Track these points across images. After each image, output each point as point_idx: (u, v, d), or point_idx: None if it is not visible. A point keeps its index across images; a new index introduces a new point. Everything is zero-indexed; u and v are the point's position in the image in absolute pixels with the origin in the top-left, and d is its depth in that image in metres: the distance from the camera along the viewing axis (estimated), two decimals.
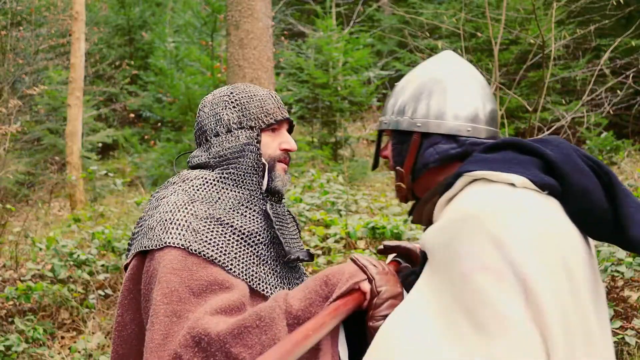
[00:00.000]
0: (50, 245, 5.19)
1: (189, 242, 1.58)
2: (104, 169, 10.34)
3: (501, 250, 1.22)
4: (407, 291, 1.51)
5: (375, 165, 1.74)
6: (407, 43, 9.73)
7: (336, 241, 5.15)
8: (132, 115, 13.43)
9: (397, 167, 1.57)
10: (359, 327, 1.57)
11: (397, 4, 13.92)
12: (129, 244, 1.75)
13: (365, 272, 1.50)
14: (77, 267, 5.06)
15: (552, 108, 8.31)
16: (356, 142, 11.82)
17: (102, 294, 4.93)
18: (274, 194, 1.80)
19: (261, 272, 1.68)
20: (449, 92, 1.49)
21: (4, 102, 7.99)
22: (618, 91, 6.94)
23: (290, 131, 1.88)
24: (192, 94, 9.79)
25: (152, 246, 1.60)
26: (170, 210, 1.63)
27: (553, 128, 6.18)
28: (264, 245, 1.72)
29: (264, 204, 1.75)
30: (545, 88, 5.78)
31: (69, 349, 4.38)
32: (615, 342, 3.40)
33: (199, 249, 1.58)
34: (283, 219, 1.80)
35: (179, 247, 1.57)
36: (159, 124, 12.50)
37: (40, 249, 5.31)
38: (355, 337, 1.59)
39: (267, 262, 1.71)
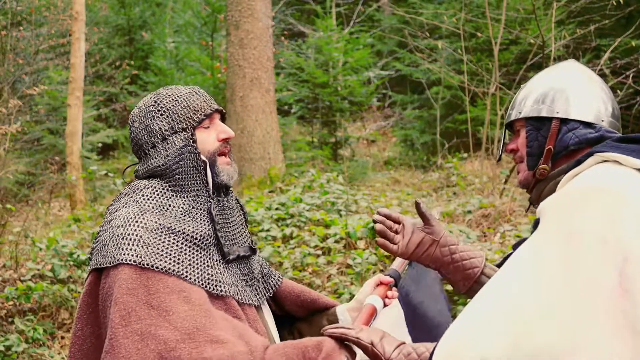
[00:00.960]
0: (50, 245, 5.19)
1: (141, 257, 1.60)
2: (104, 169, 10.33)
3: (613, 224, 1.29)
4: None
5: (499, 158, 1.89)
6: (407, 43, 9.73)
7: (336, 241, 5.15)
8: None
9: (532, 154, 1.66)
10: None
11: (397, 4, 13.92)
12: (89, 258, 1.77)
13: (347, 339, 1.56)
14: (77, 267, 5.06)
15: None
16: (356, 142, 11.82)
17: None
18: (220, 189, 1.81)
19: (217, 273, 1.70)
20: (577, 93, 1.66)
21: (4, 102, 7.99)
22: (618, 91, 6.95)
23: (223, 120, 1.87)
24: None
25: (106, 263, 1.63)
26: (122, 225, 1.65)
27: None
28: (214, 246, 1.74)
29: (209, 204, 1.76)
30: None
31: None
32: None
33: (151, 262, 1.60)
34: (228, 214, 1.81)
35: (132, 264, 1.59)
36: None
37: (40, 249, 5.31)
38: None
39: (220, 262, 1.74)
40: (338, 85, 10.53)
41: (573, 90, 1.65)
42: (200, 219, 1.74)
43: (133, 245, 1.61)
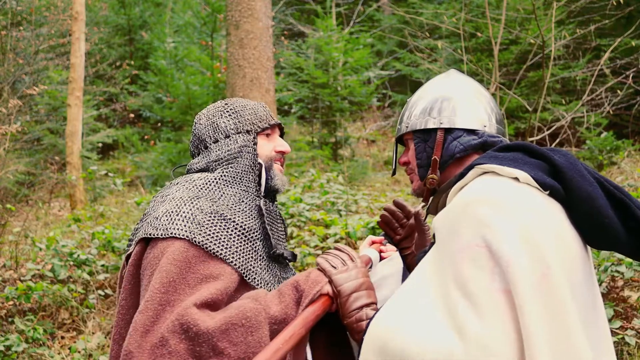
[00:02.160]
0: (50, 245, 5.19)
1: (194, 234, 1.68)
2: (104, 169, 10.34)
3: (490, 231, 1.36)
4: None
5: (394, 172, 1.94)
6: (407, 43, 9.73)
7: (336, 241, 5.15)
8: (132, 115, 13.43)
9: (422, 165, 1.73)
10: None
11: (397, 4, 13.92)
12: (130, 238, 1.83)
13: (324, 272, 1.67)
14: (77, 267, 5.06)
15: (552, 108, 8.30)
16: (356, 142, 11.82)
17: (102, 294, 4.93)
18: (271, 193, 1.93)
19: (257, 267, 1.79)
20: (461, 102, 1.72)
21: (4, 102, 7.99)
22: (618, 91, 6.95)
23: (281, 136, 2.03)
24: (192, 94, 9.79)
25: (157, 234, 1.69)
26: (177, 204, 1.74)
27: (553, 128, 6.18)
28: (260, 241, 1.83)
29: (259, 200, 1.87)
30: (545, 88, 5.78)
31: (69, 349, 4.38)
32: (615, 342, 3.40)
33: (202, 241, 1.68)
34: (274, 217, 1.92)
35: (183, 239, 1.67)
36: (159, 124, 12.51)
37: (40, 249, 5.31)
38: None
39: (263, 257, 1.83)
40: (338, 85, 10.53)
41: (456, 99, 1.71)
42: (249, 213, 1.83)
43: (187, 222, 1.69)
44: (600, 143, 8.12)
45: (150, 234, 1.70)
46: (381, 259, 2.04)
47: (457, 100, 1.71)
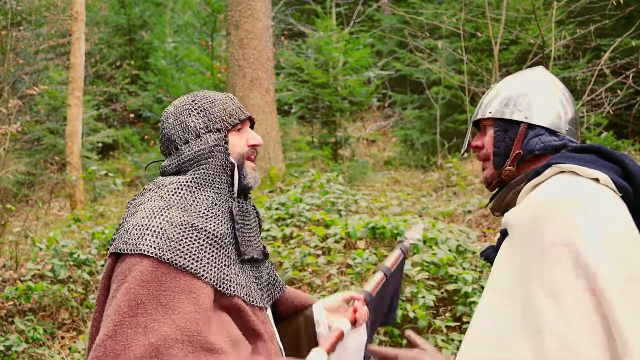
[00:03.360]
0: (50, 245, 5.19)
1: (162, 250, 1.65)
2: (104, 169, 10.34)
3: (578, 233, 1.37)
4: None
5: (465, 151, 1.91)
6: (407, 43, 9.73)
7: (336, 241, 5.15)
8: (132, 115, 13.43)
9: (498, 154, 1.73)
10: None
11: (397, 4, 13.92)
12: (107, 247, 1.84)
13: None
14: (77, 267, 5.05)
15: None
16: (356, 142, 11.81)
17: None
18: (245, 191, 1.90)
19: (231, 273, 1.77)
20: (549, 102, 1.73)
21: (4, 102, 7.98)
22: (618, 91, 6.95)
23: (251, 127, 1.99)
24: None
25: (126, 250, 1.68)
26: (147, 216, 1.71)
27: None
28: (232, 245, 1.81)
29: (231, 202, 1.84)
30: None
31: (69, 349, 4.38)
32: None
33: (171, 257, 1.65)
34: (246, 217, 1.88)
35: (151, 257, 1.65)
36: (159, 124, 12.49)
37: (40, 249, 5.31)
38: None
39: (236, 262, 1.80)
40: (338, 85, 10.52)
41: (541, 98, 1.73)
42: (221, 217, 1.80)
43: (156, 237, 1.67)
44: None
45: (120, 249, 1.69)
46: (354, 326, 1.99)
47: (545, 99, 1.72)
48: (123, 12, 14.08)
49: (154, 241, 1.66)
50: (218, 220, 1.78)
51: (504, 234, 1.55)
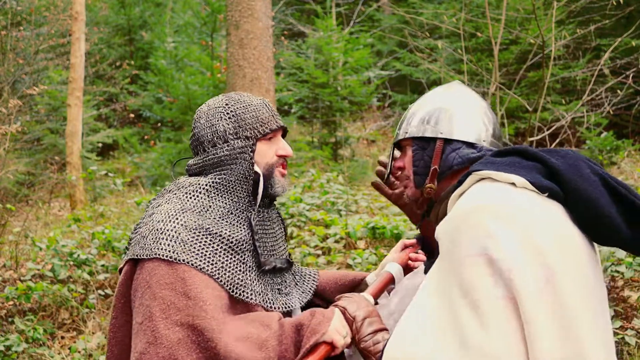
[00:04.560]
0: (50, 245, 5.19)
1: (177, 253, 1.67)
2: (104, 169, 10.33)
3: (491, 240, 1.37)
4: None
5: (388, 176, 1.93)
6: (407, 43, 9.73)
7: (336, 241, 5.15)
8: (132, 115, 13.42)
9: (418, 172, 1.74)
10: None
11: (397, 4, 13.92)
12: (126, 248, 1.83)
13: (345, 314, 1.69)
14: (77, 267, 5.05)
15: (552, 108, 8.30)
16: (356, 142, 11.81)
17: (102, 294, 4.93)
18: (271, 199, 1.89)
19: (247, 279, 1.77)
20: (461, 115, 1.73)
21: (4, 102, 7.98)
22: (618, 91, 6.94)
23: (284, 136, 1.96)
24: (192, 94, 9.79)
25: (143, 255, 1.70)
26: (163, 220, 1.73)
27: (553, 128, 6.18)
28: (250, 252, 1.80)
29: (250, 212, 1.82)
30: (545, 88, 5.77)
31: (69, 349, 4.38)
32: (615, 342, 3.40)
33: (186, 259, 1.67)
34: (268, 226, 1.88)
35: (168, 260, 1.67)
36: (159, 124, 12.50)
37: (40, 249, 5.31)
38: None
39: (253, 269, 1.79)
40: (338, 85, 10.52)
41: (456, 111, 1.72)
42: (238, 225, 1.79)
43: (171, 241, 1.69)
44: (600, 143, 8.12)
45: (137, 255, 1.71)
46: (408, 270, 1.99)
47: (457, 112, 1.71)
48: (123, 12, 14.08)
49: (169, 244, 1.68)
50: (234, 227, 1.78)
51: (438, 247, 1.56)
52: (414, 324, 1.46)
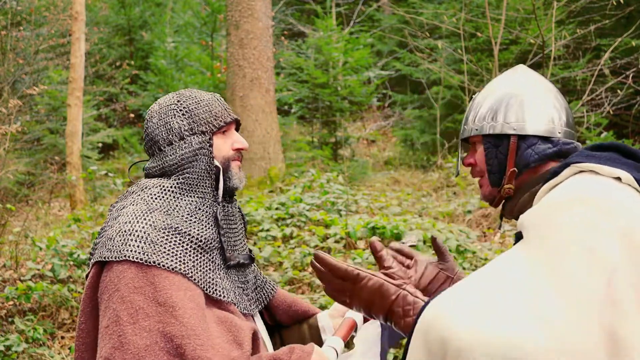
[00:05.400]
0: (50, 245, 5.19)
1: (147, 254, 1.63)
2: (104, 169, 10.33)
3: (597, 234, 1.29)
4: None
5: (457, 173, 1.85)
6: (407, 43, 9.73)
7: (336, 241, 5.15)
8: (132, 115, 13.42)
9: (493, 171, 1.65)
10: None
11: (397, 4, 13.91)
12: (90, 254, 1.78)
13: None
14: (77, 267, 5.06)
15: None
16: (356, 142, 11.81)
17: None
18: (231, 193, 1.86)
19: (217, 277, 1.73)
20: (531, 104, 1.63)
21: (4, 102, 7.98)
22: (618, 91, 6.95)
23: (237, 129, 1.92)
24: None
25: (111, 257, 1.64)
26: (129, 221, 1.68)
27: None
28: (217, 250, 1.77)
29: (216, 207, 1.80)
30: None
31: (69, 349, 4.38)
32: None
33: (157, 260, 1.63)
34: (232, 221, 1.84)
35: (137, 262, 1.62)
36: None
37: (40, 249, 5.31)
38: None
39: (220, 266, 1.77)
40: (338, 85, 10.52)
41: (529, 103, 1.63)
42: (205, 222, 1.77)
43: (140, 242, 1.64)
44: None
45: (105, 257, 1.66)
46: (365, 319, 1.94)
47: (527, 101, 1.63)
48: (123, 12, 14.08)
49: (138, 246, 1.63)
50: (202, 225, 1.75)
51: (519, 237, 1.46)
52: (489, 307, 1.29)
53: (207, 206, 1.78)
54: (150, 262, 1.62)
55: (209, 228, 1.76)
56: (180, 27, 12.85)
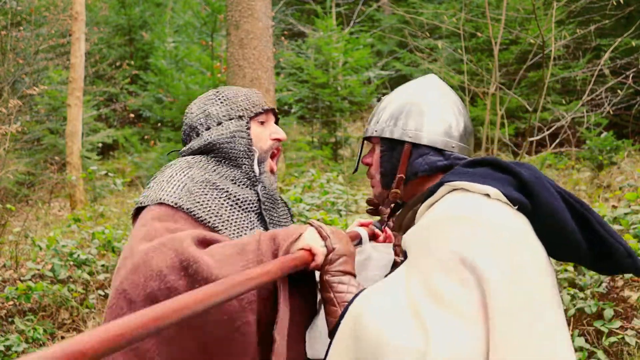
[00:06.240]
0: (50, 245, 5.19)
1: (182, 200, 1.65)
2: (104, 169, 10.33)
3: (469, 246, 1.36)
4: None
5: (356, 170, 1.88)
6: (407, 43, 9.73)
7: None
8: (132, 115, 13.43)
9: (385, 174, 1.70)
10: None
11: (397, 4, 13.92)
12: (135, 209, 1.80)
13: (319, 231, 1.61)
14: (77, 267, 5.06)
15: (552, 108, 8.30)
16: (356, 142, 11.81)
17: (102, 294, 4.93)
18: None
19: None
20: (431, 112, 1.66)
21: (4, 102, 7.99)
22: (618, 91, 6.94)
23: (276, 123, 1.95)
24: (192, 94, 9.79)
25: (147, 202, 1.67)
26: (169, 174, 1.72)
27: (553, 128, 6.18)
28: (256, 215, 1.78)
29: (257, 185, 1.81)
30: (545, 88, 5.78)
31: None
32: (615, 342, 3.40)
33: (190, 208, 1.64)
34: (274, 204, 1.85)
35: (171, 205, 1.64)
36: (159, 124, 12.51)
37: (40, 249, 5.31)
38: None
39: (259, 228, 1.77)
40: (338, 85, 10.52)
41: (428, 113, 1.65)
42: (246, 188, 1.78)
43: (176, 189, 1.67)
44: (600, 143, 8.12)
45: (141, 203, 1.69)
46: (376, 237, 2.01)
47: (433, 115, 1.65)
48: (123, 12, 14.09)
49: (174, 192, 1.66)
50: (242, 188, 1.77)
51: (405, 255, 1.52)
52: (384, 301, 1.43)
53: (247, 178, 1.79)
54: (182, 208, 1.63)
55: (249, 192, 1.78)
56: (180, 27, 12.85)
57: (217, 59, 10.78)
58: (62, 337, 4.63)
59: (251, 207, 1.76)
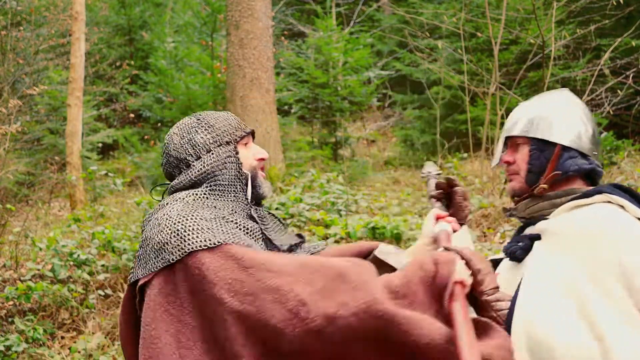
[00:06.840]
0: (50, 245, 5.19)
1: (209, 239, 1.63)
2: (104, 169, 10.32)
3: (630, 260, 1.60)
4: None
5: (498, 162, 2.00)
6: (407, 43, 9.73)
7: (336, 241, 5.15)
8: (132, 115, 13.42)
9: (532, 171, 1.86)
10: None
11: (397, 4, 13.91)
12: (133, 266, 1.79)
13: (468, 264, 1.65)
14: (77, 267, 5.06)
15: None
16: (356, 142, 11.81)
17: (102, 294, 4.93)
18: (258, 200, 1.93)
19: None
20: (580, 120, 1.88)
21: (4, 102, 7.98)
22: (618, 91, 6.95)
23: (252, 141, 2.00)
24: (192, 94, 9.79)
25: (175, 258, 1.64)
26: (179, 222, 1.68)
27: None
28: (262, 241, 1.83)
29: (249, 210, 1.86)
30: (545, 88, 5.77)
31: (69, 349, 4.39)
32: None
33: (222, 239, 1.64)
34: (265, 221, 1.90)
35: (203, 248, 1.62)
36: (159, 124, 12.50)
37: (40, 249, 5.31)
38: None
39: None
40: (338, 85, 10.52)
41: (575, 122, 1.86)
42: (246, 218, 1.83)
43: (198, 233, 1.64)
44: (601, 143, 8.11)
45: (169, 260, 1.64)
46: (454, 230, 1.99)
47: (578, 124, 1.85)
48: (123, 12, 14.08)
49: (198, 236, 1.63)
50: (244, 219, 1.81)
51: (535, 238, 1.76)
52: (546, 304, 1.63)
53: (241, 208, 1.83)
54: (217, 243, 1.63)
55: (249, 220, 1.82)
56: (180, 27, 12.85)
57: (217, 59, 10.78)
58: (62, 337, 4.63)
59: (258, 235, 1.82)
